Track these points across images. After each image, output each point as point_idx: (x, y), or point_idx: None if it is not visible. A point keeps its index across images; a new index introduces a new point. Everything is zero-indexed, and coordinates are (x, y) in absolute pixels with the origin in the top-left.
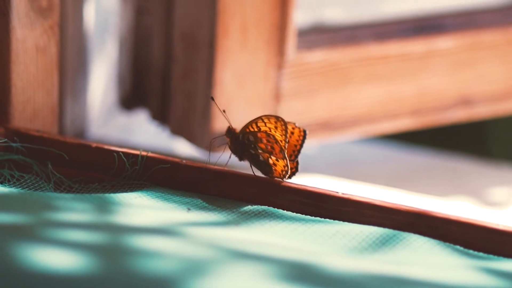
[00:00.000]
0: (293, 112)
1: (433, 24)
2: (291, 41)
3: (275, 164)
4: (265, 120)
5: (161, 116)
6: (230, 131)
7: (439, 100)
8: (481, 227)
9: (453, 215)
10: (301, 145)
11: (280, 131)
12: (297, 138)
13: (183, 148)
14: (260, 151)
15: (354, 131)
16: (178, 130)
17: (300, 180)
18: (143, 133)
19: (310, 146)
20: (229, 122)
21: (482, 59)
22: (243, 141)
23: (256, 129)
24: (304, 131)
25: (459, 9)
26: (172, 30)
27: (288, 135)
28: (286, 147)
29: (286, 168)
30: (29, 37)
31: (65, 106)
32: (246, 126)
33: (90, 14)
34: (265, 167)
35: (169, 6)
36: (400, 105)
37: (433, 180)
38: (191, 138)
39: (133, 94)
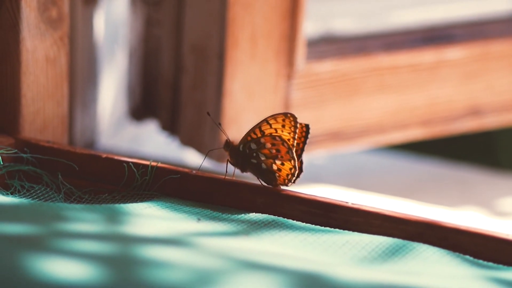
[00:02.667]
0: (303, 122)
1: (442, 35)
2: (301, 51)
3: (279, 170)
4: (271, 121)
5: (170, 126)
6: (228, 144)
7: (448, 110)
8: (491, 237)
9: (462, 225)
10: (304, 142)
11: (288, 128)
12: (300, 135)
13: (193, 159)
14: (263, 158)
15: (364, 141)
16: (188, 140)
17: (310, 190)
18: (153, 143)
19: (319, 156)
20: (226, 135)
21: (492, 70)
22: (243, 152)
23: (259, 134)
24: (307, 126)
25: (469, 20)
26: (182, 41)
27: (297, 132)
28: (295, 144)
29: (293, 170)
30: (39, 48)
31: (75, 117)
32: (248, 134)
33: (100, 25)
34: (268, 175)
35: (179, 17)
36: (409, 115)
37: (442, 190)
38: (200, 148)
39: (143, 105)
